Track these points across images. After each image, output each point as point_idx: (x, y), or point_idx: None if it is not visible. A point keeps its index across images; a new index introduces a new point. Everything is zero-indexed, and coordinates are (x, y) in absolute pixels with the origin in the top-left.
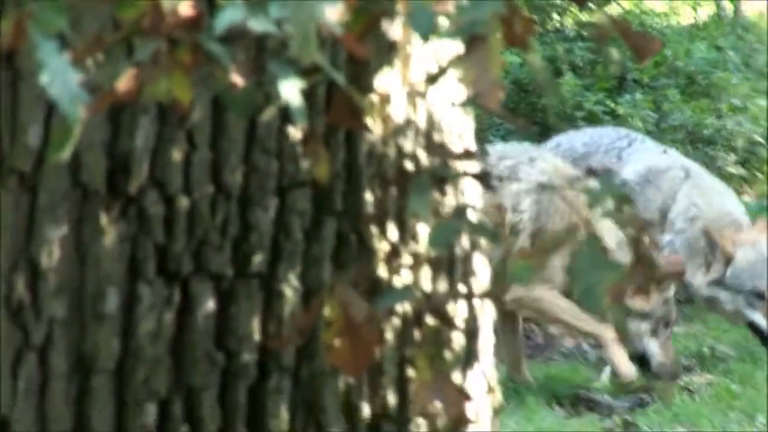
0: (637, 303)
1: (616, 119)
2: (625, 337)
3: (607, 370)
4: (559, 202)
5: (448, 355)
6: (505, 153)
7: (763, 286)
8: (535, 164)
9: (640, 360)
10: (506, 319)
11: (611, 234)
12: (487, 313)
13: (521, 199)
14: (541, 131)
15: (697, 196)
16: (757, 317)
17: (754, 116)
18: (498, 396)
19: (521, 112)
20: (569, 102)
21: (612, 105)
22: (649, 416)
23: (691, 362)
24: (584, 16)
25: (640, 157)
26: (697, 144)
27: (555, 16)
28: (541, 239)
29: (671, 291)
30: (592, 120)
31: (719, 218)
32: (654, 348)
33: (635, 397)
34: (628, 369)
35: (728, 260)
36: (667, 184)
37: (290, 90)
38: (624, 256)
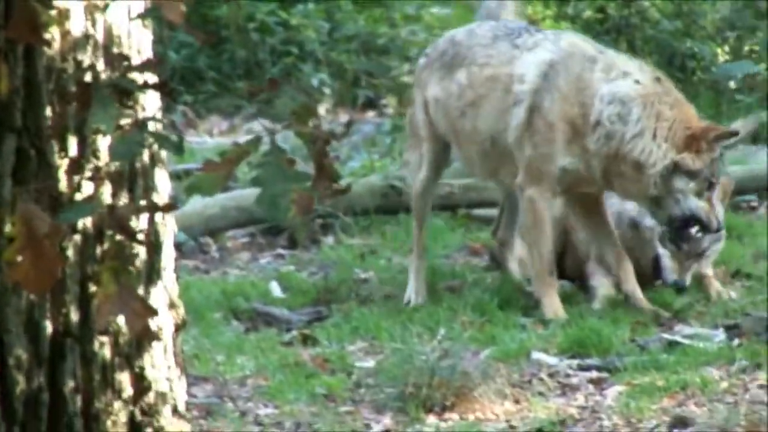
0: (688, 161)
1: (289, 30)
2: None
3: (274, 284)
4: (565, 82)
5: (131, 269)
6: (539, 32)
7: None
8: (558, 41)
9: (687, 221)
10: None
11: None
12: (169, 228)
13: (528, 71)
14: (213, 45)
15: None
16: (665, 260)
17: (428, 25)
18: (181, 311)
19: (193, 24)
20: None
21: (284, 15)
22: (328, 330)
23: (369, 275)
24: None
25: None
26: (371, 54)
27: None
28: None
29: (718, 152)
30: (264, 31)
31: None
32: (699, 206)
33: (314, 311)
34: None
35: None
36: None
37: None
38: None
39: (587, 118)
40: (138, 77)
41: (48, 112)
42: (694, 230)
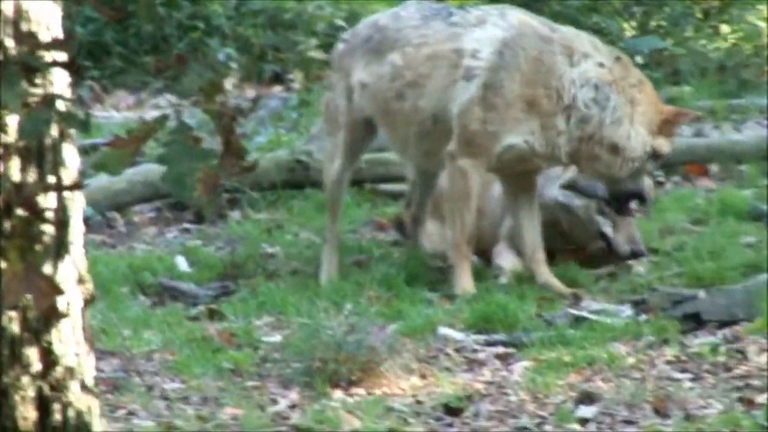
0: (663, 146)
1: (196, 4)
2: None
3: (181, 259)
4: (525, 62)
5: (38, 247)
6: (475, 9)
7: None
8: (506, 17)
9: (633, 195)
10: None
11: None
12: (77, 204)
13: (482, 47)
14: (120, 19)
15: None
16: (608, 229)
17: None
18: (90, 286)
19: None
20: None
21: None
22: (234, 305)
23: (276, 249)
24: None
25: None
26: (278, 28)
27: None
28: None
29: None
30: (171, 5)
31: None
32: (647, 183)
33: (220, 286)
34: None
35: None
36: None
37: None
38: None
39: (555, 100)
40: (46, 54)
41: None
42: (633, 204)
